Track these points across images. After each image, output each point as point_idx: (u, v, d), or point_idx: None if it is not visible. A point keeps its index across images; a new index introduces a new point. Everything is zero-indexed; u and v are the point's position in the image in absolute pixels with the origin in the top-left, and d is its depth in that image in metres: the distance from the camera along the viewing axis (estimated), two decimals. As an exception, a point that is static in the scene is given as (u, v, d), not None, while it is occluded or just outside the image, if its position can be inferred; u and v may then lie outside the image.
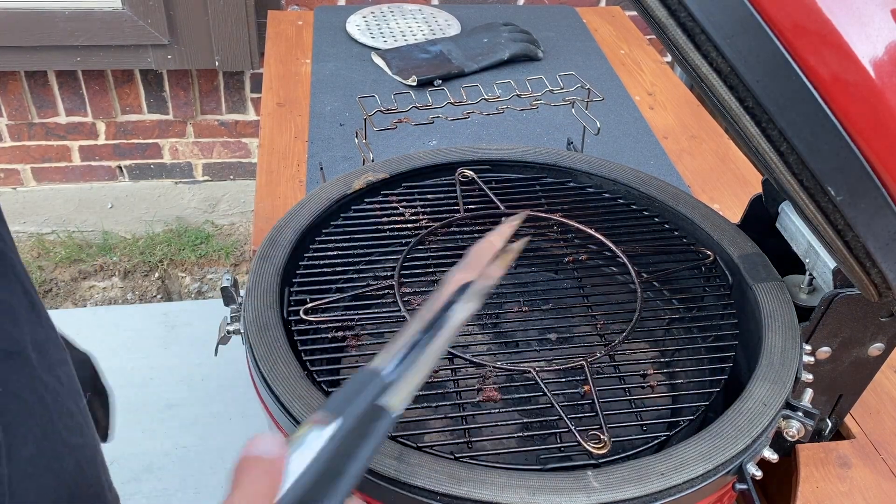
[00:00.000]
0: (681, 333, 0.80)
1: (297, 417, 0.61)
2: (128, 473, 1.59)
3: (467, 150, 0.95)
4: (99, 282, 2.19)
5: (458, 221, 0.86)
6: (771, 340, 0.70)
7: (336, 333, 0.75)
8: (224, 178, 2.29)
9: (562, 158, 0.94)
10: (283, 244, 0.79)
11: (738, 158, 1.31)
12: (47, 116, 2.07)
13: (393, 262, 0.80)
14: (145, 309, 2.06)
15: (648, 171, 1.21)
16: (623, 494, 0.56)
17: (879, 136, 0.50)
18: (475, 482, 0.57)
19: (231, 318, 0.74)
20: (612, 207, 0.90)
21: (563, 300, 0.82)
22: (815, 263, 0.74)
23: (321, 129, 1.31)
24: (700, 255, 0.82)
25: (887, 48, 0.47)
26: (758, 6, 0.47)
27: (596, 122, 1.02)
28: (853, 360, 0.74)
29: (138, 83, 2.05)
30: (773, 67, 0.49)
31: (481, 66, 1.50)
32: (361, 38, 1.61)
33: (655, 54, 1.65)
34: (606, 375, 0.75)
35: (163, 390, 1.78)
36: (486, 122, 1.34)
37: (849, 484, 0.76)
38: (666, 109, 1.45)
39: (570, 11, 1.81)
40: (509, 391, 0.70)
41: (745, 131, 0.54)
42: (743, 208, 0.86)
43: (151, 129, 2.15)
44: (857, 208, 0.53)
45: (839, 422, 0.82)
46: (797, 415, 0.64)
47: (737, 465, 0.60)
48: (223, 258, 2.25)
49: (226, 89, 2.09)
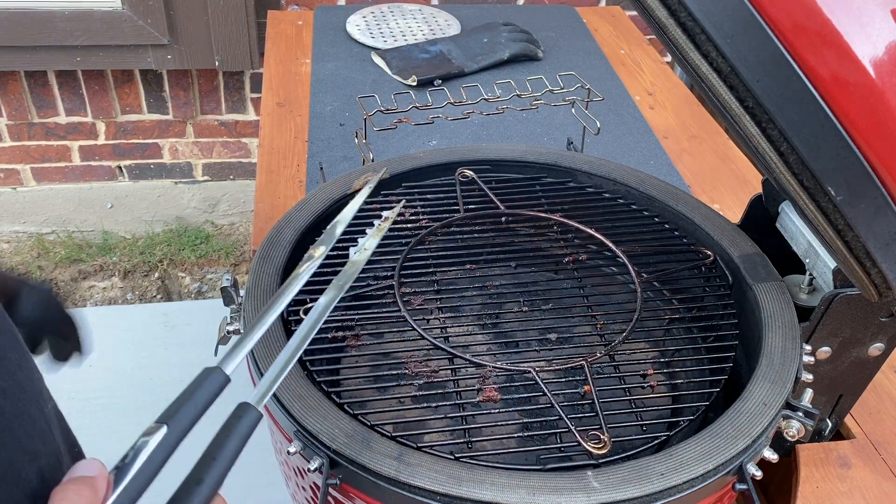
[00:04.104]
0: (681, 333, 0.80)
1: (298, 417, 0.61)
2: (128, 473, 1.59)
3: (467, 150, 0.95)
4: (99, 282, 2.19)
5: (458, 221, 0.86)
6: (771, 340, 0.70)
7: (336, 333, 0.75)
8: (224, 178, 2.29)
9: (562, 158, 0.94)
10: (283, 244, 0.79)
11: (738, 158, 1.31)
12: (47, 116, 2.07)
13: (393, 262, 0.80)
14: (145, 309, 2.06)
15: (648, 171, 1.21)
16: (623, 494, 0.56)
17: (879, 136, 0.50)
18: (475, 482, 0.57)
19: (231, 318, 0.74)
20: (612, 207, 0.90)
21: (563, 300, 0.82)
22: (815, 263, 0.74)
23: (321, 129, 1.31)
24: (700, 256, 0.82)
25: (887, 48, 0.47)
26: (758, 6, 0.47)
27: (596, 122, 1.02)
28: (853, 360, 0.74)
29: (138, 83, 2.05)
30: (773, 67, 0.49)
31: (481, 66, 1.50)
32: (361, 38, 1.61)
33: (655, 54, 1.65)
34: (606, 375, 0.75)
35: (163, 390, 1.78)
36: (486, 122, 1.34)
37: (849, 484, 0.76)
38: (666, 109, 1.45)
39: (570, 11, 1.81)
40: (509, 391, 0.70)
41: (745, 131, 0.54)
42: (743, 208, 0.86)
43: (151, 129, 2.15)
44: (857, 208, 0.53)
45: (839, 422, 0.82)
46: (797, 415, 0.64)
47: (737, 465, 0.60)
48: (223, 258, 2.25)
49: (226, 89, 2.09)
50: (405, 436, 0.62)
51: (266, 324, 0.51)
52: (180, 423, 0.41)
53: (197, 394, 0.43)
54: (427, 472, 0.57)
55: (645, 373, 0.72)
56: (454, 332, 0.79)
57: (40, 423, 0.40)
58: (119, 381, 1.79)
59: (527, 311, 0.81)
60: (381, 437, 0.60)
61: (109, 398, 1.74)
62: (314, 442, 0.60)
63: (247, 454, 0.44)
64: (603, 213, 0.88)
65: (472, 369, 0.72)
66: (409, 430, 0.64)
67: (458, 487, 0.56)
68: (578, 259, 0.84)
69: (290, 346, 0.51)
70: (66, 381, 1.76)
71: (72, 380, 1.77)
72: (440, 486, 0.56)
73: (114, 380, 1.79)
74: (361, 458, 0.58)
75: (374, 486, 0.58)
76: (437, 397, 0.70)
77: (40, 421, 0.40)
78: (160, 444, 0.40)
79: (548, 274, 0.89)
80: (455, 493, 0.56)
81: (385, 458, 0.58)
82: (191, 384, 0.44)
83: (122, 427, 1.69)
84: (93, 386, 1.77)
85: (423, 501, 0.57)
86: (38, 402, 0.41)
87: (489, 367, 0.70)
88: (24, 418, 0.39)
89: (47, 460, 0.40)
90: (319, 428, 0.60)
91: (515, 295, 0.84)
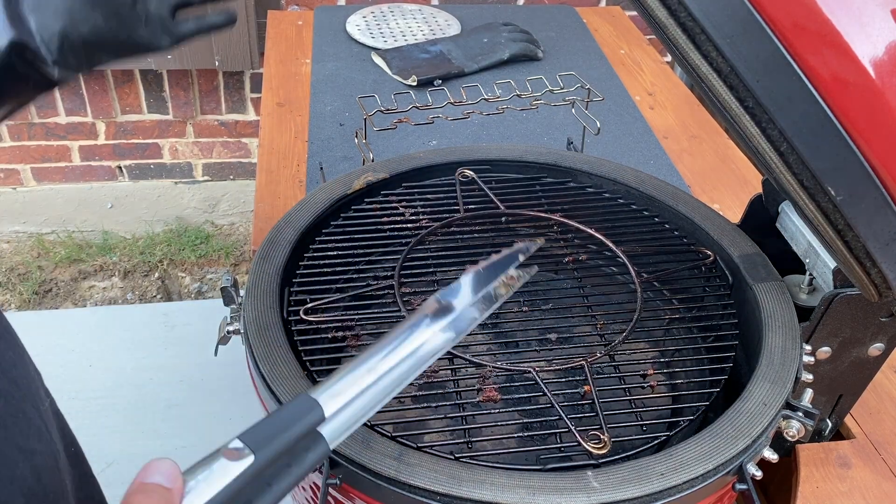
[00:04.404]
0: (681, 333, 0.80)
1: (297, 417, 0.61)
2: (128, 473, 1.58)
3: (467, 150, 0.95)
4: (99, 282, 2.19)
5: (458, 221, 0.86)
6: (771, 340, 0.70)
7: (336, 333, 0.75)
8: (224, 178, 2.29)
9: (562, 158, 0.94)
10: (283, 244, 0.79)
11: (738, 158, 1.31)
12: (47, 116, 2.07)
13: (393, 262, 0.80)
14: (145, 309, 2.06)
15: (648, 171, 1.21)
16: (623, 494, 0.56)
17: (879, 136, 0.50)
18: (475, 482, 0.57)
19: (231, 318, 0.74)
20: (612, 207, 0.90)
21: (563, 300, 0.82)
22: (815, 263, 0.74)
23: (321, 129, 1.31)
24: (700, 255, 0.82)
25: (887, 48, 0.47)
26: (758, 6, 0.47)
27: (596, 122, 1.02)
28: (853, 360, 0.74)
29: (138, 83, 2.05)
30: (773, 67, 0.49)
31: (481, 66, 1.50)
32: (361, 38, 1.61)
33: (655, 54, 1.65)
34: (606, 375, 0.75)
35: (163, 390, 1.78)
36: (486, 122, 1.34)
37: (849, 484, 0.76)
38: (666, 109, 1.45)
39: (570, 11, 1.81)
40: (509, 391, 0.70)
41: (745, 131, 0.54)
42: (743, 208, 0.86)
43: (151, 129, 2.15)
44: (857, 208, 0.53)
45: (839, 422, 0.82)
46: (797, 415, 0.64)
47: (737, 465, 0.60)
48: (223, 258, 2.25)
49: (226, 89, 2.09)
50: (405, 436, 0.62)
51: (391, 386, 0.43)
52: (266, 455, 0.36)
53: (292, 427, 0.38)
54: (427, 472, 0.57)
55: (645, 373, 0.72)
56: (454, 332, 0.79)
57: (36, 420, 0.40)
58: (119, 381, 1.79)
59: (527, 311, 0.81)
60: (380, 437, 0.60)
61: (109, 398, 1.74)
62: (314, 442, 0.60)
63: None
64: (603, 213, 0.88)
65: (472, 369, 0.72)
66: (409, 430, 0.64)
67: (458, 487, 0.56)
68: (578, 259, 0.84)
69: (383, 381, 0.43)
70: (66, 381, 1.76)
71: (72, 380, 1.78)
72: (440, 486, 0.56)
73: (114, 380, 1.79)
74: (361, 457, 0.58)
75: (374, 486, 0.58)
76: (437, 397, 0.70)
77: (36, 419, 0.40)
78: (242, 475, 0.35)
79: (548, 274, 0.89)
80: (455, 493, 0.56)
81: (385, 458, 0.58)
82: (287, 411, 0.39)
83: (122, 427, 1.69)
84: (93, 386, 1.77)
85: (423, 501, 0.57)
86: (33, 400, 0.40)
87: (489, 367, 0.70)
88: (18, 417, 0.38)
89: (43, 458, 0.39)
90: (319, 428, 0.60)
91: (515, 295, 0.84)
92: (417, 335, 0.44)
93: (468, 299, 0.48)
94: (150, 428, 1.70)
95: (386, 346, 0.44)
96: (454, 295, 0.48)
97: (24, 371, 0.41)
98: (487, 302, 0.50)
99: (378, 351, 0.43)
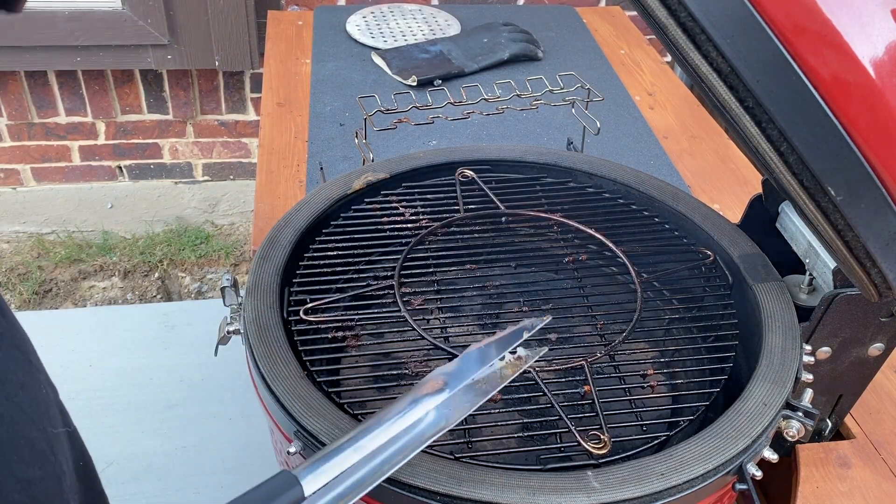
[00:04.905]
0: (681, 333, 0.80)
1: (297, 417, 0.61)
2: (128, 473, 1.59)
3: (467, 150, 0.95)
4: (99, 282, 2.19)
5: (458, 221, 0.86)
6: (771, 340, 0.70)
7: (336, 333, 0.75)
8: (224, 178, 2.29)
9: (562, 158, 0.94)
10: (283, 244, 0.79)
11: (738, 158, 1.31)
12: (47, 116, 2.07)
13: (393, 262, 0.80)
14: (145, 309, 2.06)
15: (648, 171, 1.21)
16: (623, 494, 0.56)
17: (879, 136, 0.50)
18: (475, 482, 0.57)
19: (231, 318, 0.74)
20: (612, 207, 0.90)
21: (563, 300, 0.82)
22: (815, 263, 0.74)
23: (321, 129, 1.31)
24: (700, 256, 0.82)
25: (887, 48, 0.47)
26: (758, 6, 0.47)
27: (596, 122, 1.02)
28: (853, 360, 0.74)
29: (138, 83, 2.05)
30: (773, 67, 0.49)
31: (481, 66, 1.50)
32: (361, 38, 1.61)
33: (655, 54, 1.65)
34: (606, 375, 0.75)
35: (163, 390, 1.78)
36: (486, 122, 1.34)
37: (849, 484, 0.76)
38: (666, 109, 1.45)
39: (570, 11, 1.81)
40: (509, 391, 0.70)
41: (745, 131, 0.54)
42: (743, 208, 0.86)
43: (151, 129, 2.15)
44: (857, 208, 0.53)
45: (839, 422, 0.82)
46: (797, 415, 0.64)
47: (737, 465, 0.60)
48: (223, 258, 2.25)
49: (226, 89, 2.09)
50: (405, 436, 0.62)
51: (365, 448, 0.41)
52: None
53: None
54: (427, 472, 0.57)
55: (645, 373, 0.72)
56: (454, 332, 0.79)
57: (40, 445, 0.38)
58: (119, 381, 1.79)
59: (527, 311, 0.81)
60: (381, 437, 0.60)
61: (109, 398, 1.74)
62: (314, 442, 0.60)
63: (246, 454, 0.42)
64: (603, 213, 0.88)
65: (472, 369, 0.72)
66: (409, 430, 0.64)
67: (458, 487, 0.56)
68: (578, 259, 0.84)
69: (371, 462, 0.41)
70: (66, 381, 1.76)
71: (72, 380, 1.78)
72: (440, 486, 0.56)
73: (114, 380, 1.79)
74: (361, 458, 0.58)
75: (374, 486, 0.58)
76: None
77: (40, 443, 0.38)
78: None
79: (548, 274, 0.89)
80: (455, 493, 0.56)
81: (385, 458, 0.58)
82: (267, 488, 0.37)
83: (122, 427, 1.69)
84: (93, 386, 1.77)
85: (423, 501, 0.57)
86: (40, 423, 0.39)
87: (489, 367, 0.70)
88: (18, 443, 0.37)
89: (43, 485, 0.38)
90: (319, 428, 0.60)
91: (515, 295, 0.84)
92: (411, 414, 0.43)
93: (469, 378, 0.47)
94: (150, 428, 1.70)
95: (377, 424, 0.42)
96: (454, 374, 0.46)
97: (34, 393, 0.39)
98: (491, 384, 0.49)
99: (369, 429, 0.41)
